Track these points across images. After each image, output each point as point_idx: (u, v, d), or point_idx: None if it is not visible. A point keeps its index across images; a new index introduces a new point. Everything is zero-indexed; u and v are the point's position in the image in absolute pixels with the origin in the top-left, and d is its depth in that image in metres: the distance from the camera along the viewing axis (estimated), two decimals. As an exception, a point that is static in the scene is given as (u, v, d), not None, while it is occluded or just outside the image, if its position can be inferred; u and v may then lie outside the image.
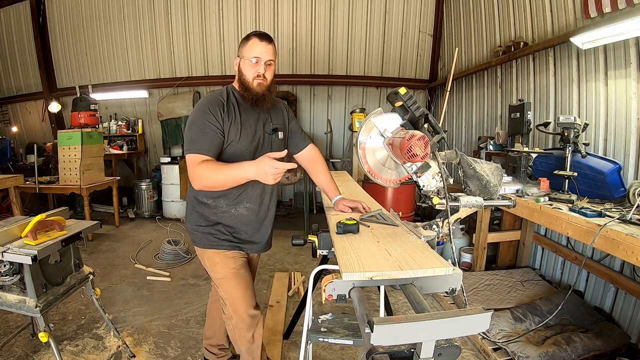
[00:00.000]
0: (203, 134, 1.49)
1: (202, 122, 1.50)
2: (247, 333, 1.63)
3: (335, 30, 5.59)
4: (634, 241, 1.53)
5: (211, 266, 1.65)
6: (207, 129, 1.49)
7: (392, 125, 1.40)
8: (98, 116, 4.72)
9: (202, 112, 1.51)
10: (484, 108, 4.30)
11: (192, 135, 1.49)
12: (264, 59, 1.53)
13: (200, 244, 1.65)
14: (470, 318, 0.79)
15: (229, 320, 1.65)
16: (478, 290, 2.69)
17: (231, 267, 1.63)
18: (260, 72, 1.54)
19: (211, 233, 1.63)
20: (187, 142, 1.50)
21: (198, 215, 1.65)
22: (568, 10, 2.85)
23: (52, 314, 2.54)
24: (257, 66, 1.54)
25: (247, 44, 1.55)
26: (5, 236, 1.64)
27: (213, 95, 1.59)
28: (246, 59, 1.54)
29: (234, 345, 1.71)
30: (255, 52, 1.52)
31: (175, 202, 5.33)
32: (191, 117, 1.54)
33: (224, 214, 1.63)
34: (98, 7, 5.68)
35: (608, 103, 2.53)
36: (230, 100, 1.58)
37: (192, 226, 1.68)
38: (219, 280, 1.63)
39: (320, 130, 6.01)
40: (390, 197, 3.56)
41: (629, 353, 2.08)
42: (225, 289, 1.63)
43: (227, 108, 1.55)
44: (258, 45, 1.53)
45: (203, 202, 1.64)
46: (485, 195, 1.37)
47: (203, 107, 1.53)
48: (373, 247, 1.21)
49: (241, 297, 1.61)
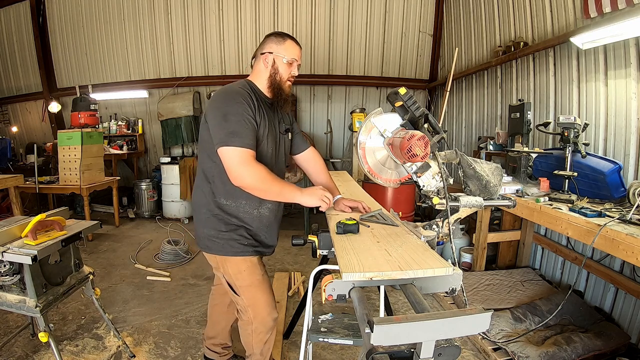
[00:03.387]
0: (244, 127, 1.40)
1: (240, 112, 1.41)
2: (265, 336, 1.64)
3: (335, 30, 5.59)
4: (634, 241, 1.53)
5: (236, 274, 1.56)
6: (247, 121, 1.41)
7: (392, 125, 1.40)
8: (98, 116, 4.72)
9: (237, 103, 1.42)
10: (484, 108, 4.30)
11: (233, 127, 1.39)
12: (298, 61, 1.58)
13: (223, 251, 1.55)
14: (470, 318, 0.79)
15: (248, 326, 1.62)
16: (478, 290, 2.69)
17: (258, 274, 1.60)
18: (294, 74, 1.58)
19: (234, 239, 1.54)
20: (226, 134, 1.37)
21: (217, 220, 1.54)
22: (568, 10, 2.85)
23: (52, 314, 2.54)
24: (292, 67, 1.56)
25: (283, 44, 1.54)
26: (5, 236, 1.64)
27: (239, 87, 1.51)
28: (282, 58, 1.53)
29: (246, 347, 1.70)
30: (293, 54, 1.55)
31: (175, 202, 5.33)
32: (224, 107, 1.43)
33: (246, 215, 1.56)
34: (98, 7, 5.67)
35: (608, 103, 2.53)
36: (256, 96, 1.53)
37: (210, 232, 1.55)
38: (245, 288, 1.57)
39: (320, 130, 6.01)
40: (390, 197, 3.55)
41: (629, 353, 2.08)
42: (250, 296, 1.58)
43: (256, 103, 1.49)
44: (295, 48, 1.56)
45: (223, 204, 1.54)
46: (485, 195, 1.37)
47: (235, 97, 1.44)
48: (373, 247, 1.21)
49: (266, 302, 1.61)
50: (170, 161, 5.33)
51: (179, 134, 5.73)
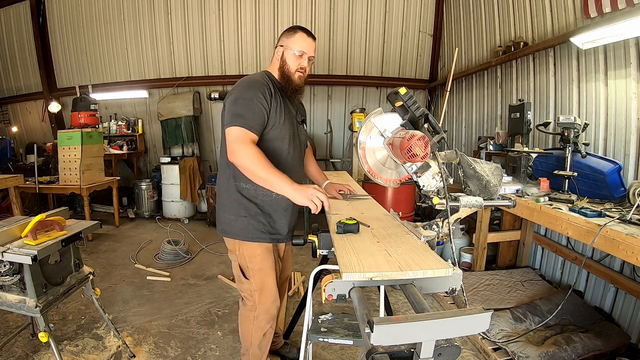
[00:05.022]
0: (250, 110, 1.47)
1: (249, 97, 1.48)
2: (266, 325, 1.69)
3: (335, 30, 5.59)
4: (634, 241, 1.53)
5: (251, 257, 1.63)
6: (254, 106, 1.48)
7: (392, 125, 1.40)
8: (98, 116, 4.72)
9: (249, 89, 1.50)
10: (484, 108, 4.30)
11: (238, 109, 1.46)
12: (308, 54, 1.60)
13: (241, 236, 1.62)
14: (470, 318, 0.79)
15: (251, 312, 1.68)
16: (478, 290, 2.69)
17: (270, 260, 1.67)
18: (304, 66, 1.61)
19: (252, 225, 1.61)
20: (231, 116, 1.46)
21: (237, 205, 1.62)
22: (568, 10, 2.84)
23: (52, 314, 2.54)
24: (301, 59, 1.60)
25: (293, 37, 1.59)
26: (5, 236, 1.64)
27: (256, 77, 1.59)
28: (291, 50, 1.58)
29: (244, 339, 1.75)
30: (302, 46, 1.58)
31: (175, 202, 5.33)
32: (235, 94, 1.51)
33: (265, 198, 1.61)
34: (98, 7, 5.67)
35: (608, 103, 2.53)
36: (275, 83, 1.61)
37: (230, 216, 1.63)
38: (256, 271, 1.64)
39: (320, 130, 6.01)
40: (390, 197, 3.55)
41: (629, 353, 2.08)
42: (260, 281, 1.65)
43: (273, 90, 1.56)
44: (305, 40, 1.60)
45: (242, 188, 1.61)
46: (485, 195, 1.37)
47: (250, 84, 1.53)
48: (373, 247, 1.21)
49: (272, 289, 1.67)
50: (170, 161, 5.33)
51: (179, 134, 5.72)
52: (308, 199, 1.39)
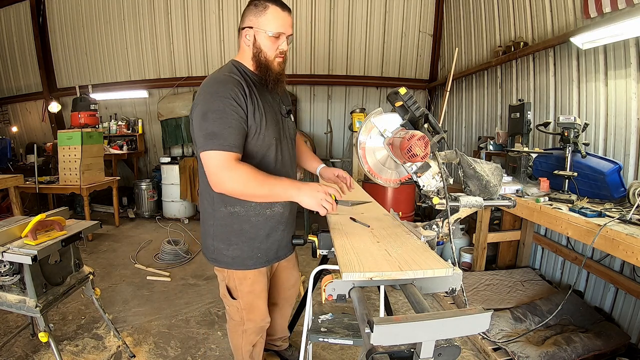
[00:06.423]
0: (225, 125, 1.20)
1: (221, 109, 1.20)
2: (255, 337, 1.64)
3: (335, 30, 5.59)
4: (634, 241, 1.53)
5: (242, 279, 1.48)
6: (229, 118, 1.20)
7: (392, 125, 1.40)
8: (98, 116, 4.72)
9: (218, 97, 1.22)
10: (484, 108, 4.30)
11: (210, 127, 1.19)
12: (286, 33, 1.29)
13: (235, 264, 1.45)
14: (470, 318, 0.79)
15: (239, 327, 1.58)
16: (478, 290, 2.69)
17: (263, 282, 1.54)
18: (283, 49, 1.31)
19: (246, 252, 1.44)
20: (204, 136, 1.20)
21: (228, 232, 1.41)
22: (568, 10, 2.84)
23: (52, 314, 2.54)
24: (279, 41, 1.29)
25: (264, 14, 1.26)
26: (5, 236, 1.64)
27: (224, 75, 1.29)
28: (265, 32, 1.27)
29: (234, 351, 1.70)
30: (278, 26, 1.27)
31: (175, 202, 5.33)
32: (204, 105, 1.23)
33: (259, 218, 1.42)
34: (98, 7, 5.67)
35: (608, 103, 2.53)
36: (247, 80, 1.31)
37: (220, 245, 1.43)
38: (245, 294, 1.49)
39: (320, 130, 6.01)
40: (390, 197, 3.55)
41: (629, 353, 2.08)
42: (248, 302, 1.52)
43: (247, 89, 1.27)
44: (280, 16, 1.27)
45: (232, 212, 1.39)
46: (485, 195, 1.37)
47: (217, 89, 1.24)
48: (373, 247, 1.21)
49: (261, 309, 1.57)
50: (170, 161, 5.34)
51: (179, 134, 5.72)
52: (318, 204, 1.23)
